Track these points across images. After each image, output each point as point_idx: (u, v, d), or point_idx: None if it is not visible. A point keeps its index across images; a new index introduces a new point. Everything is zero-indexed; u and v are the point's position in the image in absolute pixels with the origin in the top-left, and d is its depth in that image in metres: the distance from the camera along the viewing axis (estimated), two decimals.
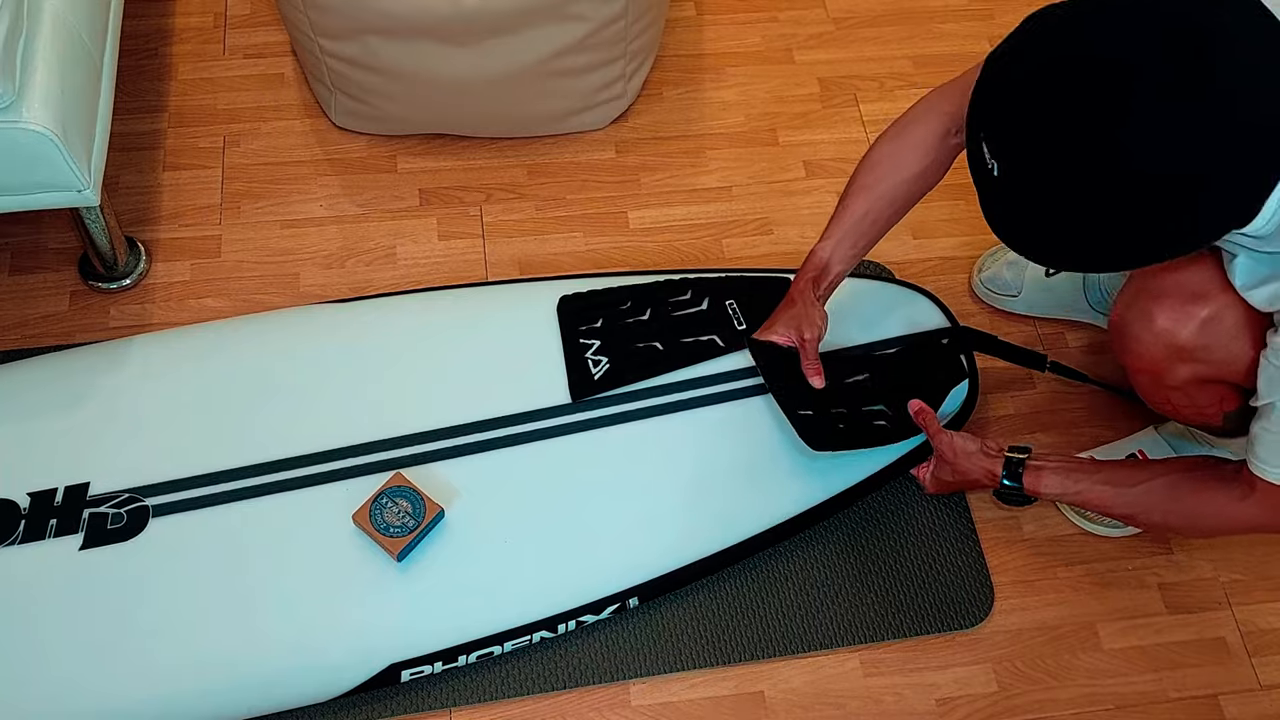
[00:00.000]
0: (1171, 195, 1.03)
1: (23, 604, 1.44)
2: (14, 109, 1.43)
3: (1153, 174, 1.02)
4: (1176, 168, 1.01)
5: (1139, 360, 1.38)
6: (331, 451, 1.56)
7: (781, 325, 1.56)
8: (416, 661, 1.45)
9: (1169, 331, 1.31)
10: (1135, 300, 1.37)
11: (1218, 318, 1.26)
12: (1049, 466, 1.47)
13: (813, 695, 1.53)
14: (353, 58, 1.81)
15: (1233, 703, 1.56)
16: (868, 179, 1.52)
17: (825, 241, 1.54)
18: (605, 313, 1.69)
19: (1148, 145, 1.01)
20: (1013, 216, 1.13)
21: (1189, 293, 1.29)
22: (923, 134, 1.48)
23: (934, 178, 1.51)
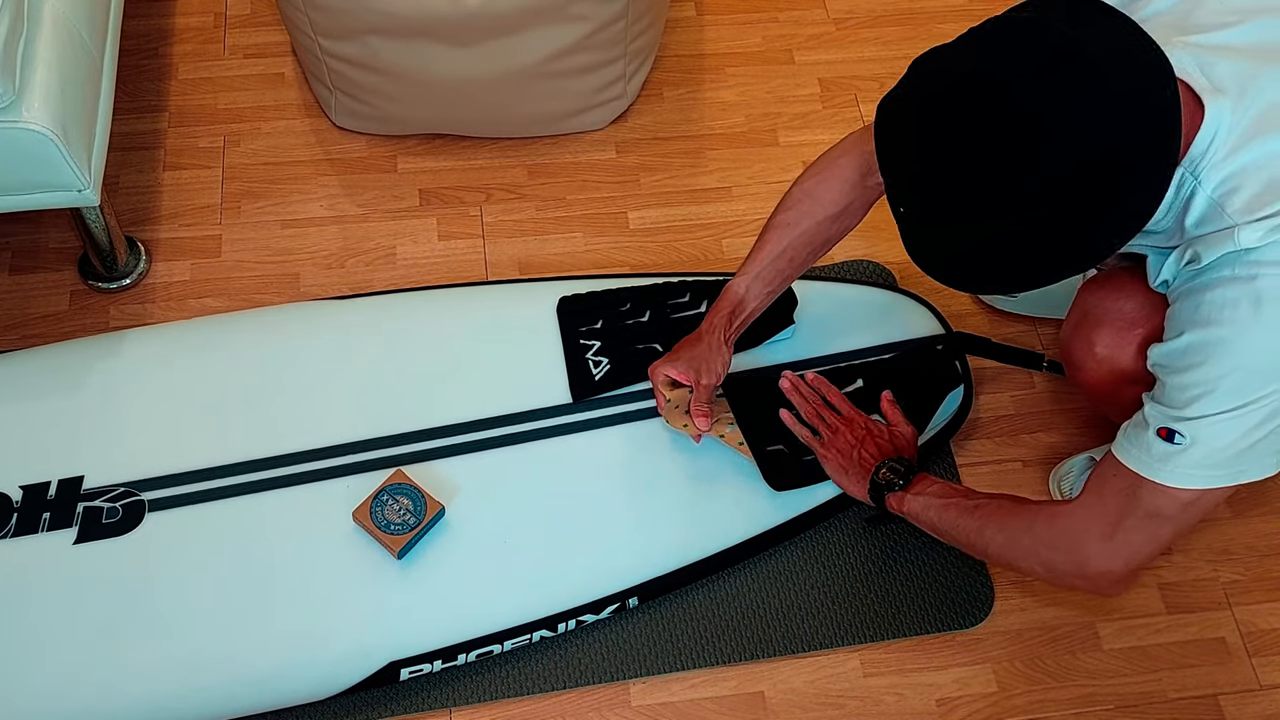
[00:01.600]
0: (1078, 200, 1.03)
1: (15, 598, 1.44)
2: (14, 108, 1.43)
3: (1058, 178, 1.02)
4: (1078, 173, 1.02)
5: (1087, 386, 1.41)
6: (332, 448, 1.56)
7: (683, 364, 1.53)
8: (416, 660, 1.45)
9: (1110, 358, 1.35)
10: (1077, 328, 1.39)
11: (1152, 338, 1.26)
12: (910, 493, 1.47)
13: (813, 695, 1.53)
14: (353, 58, 1.81)
15: (1233, 703, 1.56)
16: (787, 216, 1.51)
17: (741, 278, 1.54)
18: (605, 314, 1.69)
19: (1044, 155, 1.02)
20: (930, 252, 1.14)
21: (1126, 318, 1.32)
22: (842, 174, 1.48)
23: (853, 219, 1.51)
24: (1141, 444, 1.20)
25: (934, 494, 1.45)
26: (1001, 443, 1.73)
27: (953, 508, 1.42)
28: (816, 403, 1.61)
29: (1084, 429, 1.74)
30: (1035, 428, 1.74)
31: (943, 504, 1.43)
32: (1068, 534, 1.29)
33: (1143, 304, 1.31)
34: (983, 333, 1.79)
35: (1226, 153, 1.10)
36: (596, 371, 1.64)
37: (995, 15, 1.09)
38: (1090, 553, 1.27)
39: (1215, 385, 1.12)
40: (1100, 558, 1.26)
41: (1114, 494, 1.24)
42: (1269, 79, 1.10)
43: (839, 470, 1.54)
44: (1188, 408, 1.14)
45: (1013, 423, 1.75)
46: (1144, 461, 1.19)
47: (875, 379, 1.67)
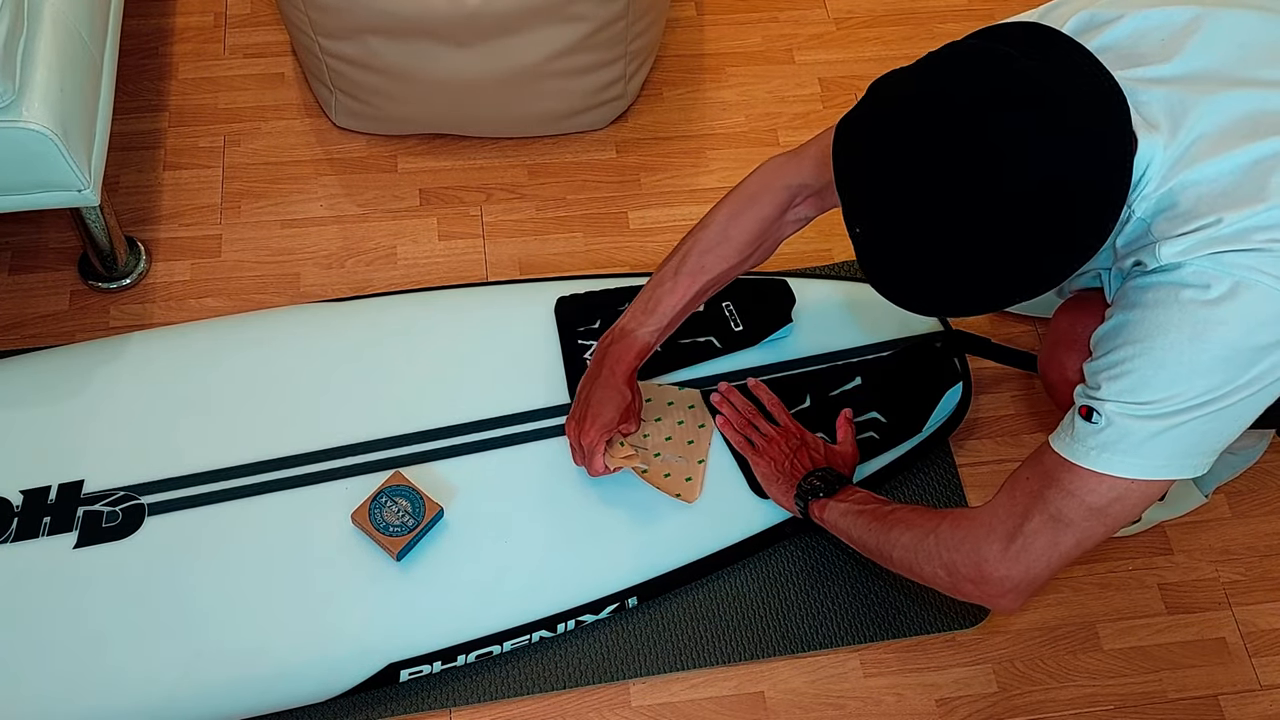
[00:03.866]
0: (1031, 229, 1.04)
1: (16, 603, 1.44)
2: (14, 108, 1.43)
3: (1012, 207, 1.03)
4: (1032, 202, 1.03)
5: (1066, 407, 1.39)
6: (330, 450, 1.56)
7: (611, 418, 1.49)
8: (415, 661, 1.45)
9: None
10: (1052, 352, 1.40)
11: None
12: (833, 499, 1.46)
13: (813, 695, 1.53)
14: (353, 57, 1.81)
15: (1233, 703, 1.56)
16: (701, 261, 1.48)
17: (647, 327, 1.49)
18: (603, 313, 1.69)
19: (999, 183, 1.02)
20: (884, 273, 1.15)
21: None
22: (761, 213, 1.46)
23: (762, 258, 1.51)
24: (1066, 425, 1.19)
25: (854, 501, 1.44)
26: (1002, 443, 1.73)
27: (867, 514, 1.40)
28: (749, 411, 1.62)
29: None
30: (1035, 428, 1.74)
31: (858, 510, 1.42)
32: (972, 534, 1.26)
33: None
34: (983, 333, 1.79)
35: (1158, 184, 1.11)
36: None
37: (954, 41, 1.11)
38: (990, 555, 1.23)
39: (1130, 366, 1.12)
40: (999, 562, 1.23)
41: (1025, 491, 1.22)
42: (1199, 112, 1.11)
43: (766, 476, 1.55)
44: (1103, 386, 1.14)
45: (1013, 423, 1.75)
46: (1065, 442, 1.18)
47: (873, 377, 1.67)
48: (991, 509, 1.25)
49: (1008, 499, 1.24)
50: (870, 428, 1.64)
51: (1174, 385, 1.10)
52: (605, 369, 1.49)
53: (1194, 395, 1.09)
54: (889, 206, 1.09)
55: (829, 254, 1.89)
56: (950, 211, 1.05)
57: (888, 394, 1.66)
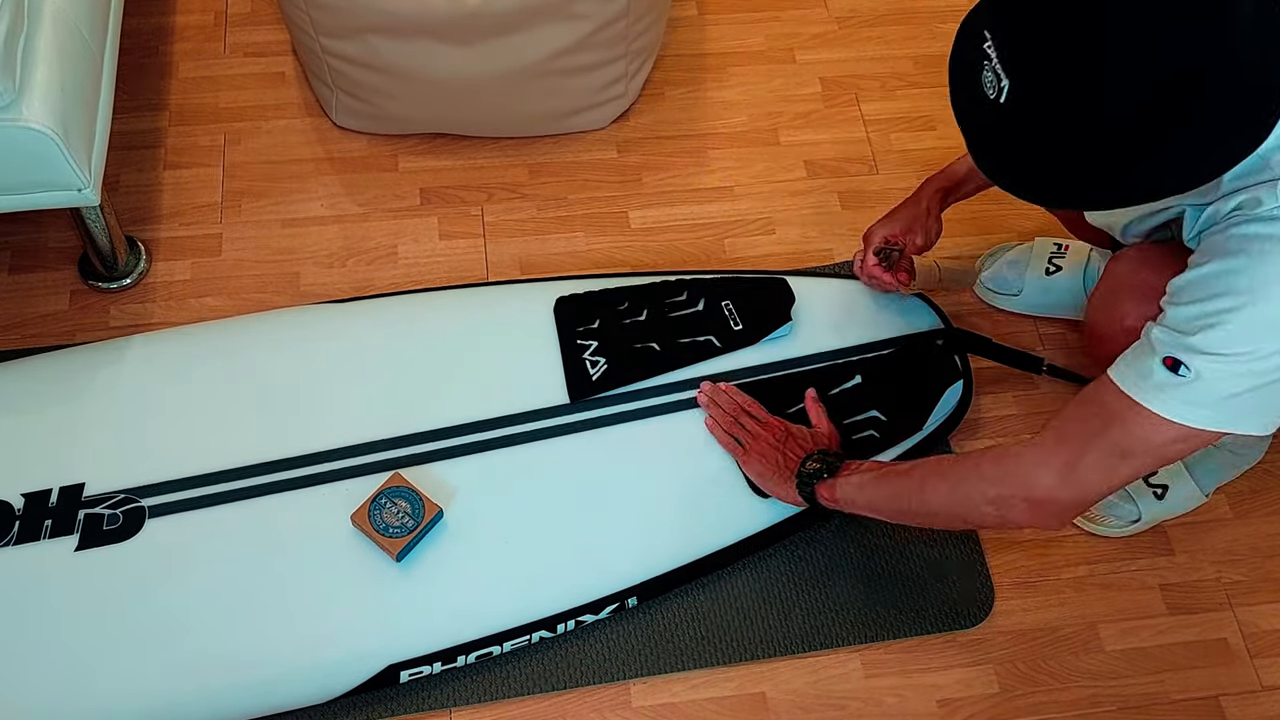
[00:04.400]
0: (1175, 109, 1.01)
1: (17, 605, 1.44)
2: (14, 107, 1.43)
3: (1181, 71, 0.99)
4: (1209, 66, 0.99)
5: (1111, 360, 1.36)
6: (330, 452, 1.56)
7: (901, 223, 1.59)
8: (415, 662, 1.45)
9: (1139, 330, 1.27)
10: (1105, 300, 1.37)
11: None
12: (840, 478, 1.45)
13: (814, 696, 1.53)
14: (354, 56, 1.81)
15: (1234, 704, 1.55)
16: None
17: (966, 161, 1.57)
18: (602, 313, 1.69)
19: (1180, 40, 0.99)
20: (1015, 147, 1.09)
21: (1157, 292, 1.26)
22: None
23: None
24: (1142, 370, 1.16)
25: (864, 472, 1.43)
26: (1002, 443, 1.72)
27: (888, 476, 1.40)
28: (734, 410, 1.61)
29: None
30: (1036, 428, 1.74)
31: (876, 477, 1.41)
32: (1020, 466, 1.26)
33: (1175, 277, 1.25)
34: (984, 332, 1.79)
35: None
36: (594, 371, 1.64)
37: None
38: (1044, 482, 1.24)
39: (1229, 318, 1.09)
40: (1055, 488, 1.23)
41: (1083, 426, 1.21)
42: None
43: (762, 474, 1.54)
44: (1197, 335, 1.11)
45: (1014, 423, 1.74)
46: (1140, 387, 1.16)
47: (874, 375, 1.67)
48: (1042, 443, 1.25)
49: (1059, 433, 1.23)
50: (870, 426, 1.63)
51: (1277, 341, 1.07)
52: (918, 188, 1.60)
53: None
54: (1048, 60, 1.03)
55: (829, 254, 1.89)
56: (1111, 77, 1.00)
57: (888, 392, 1.65)
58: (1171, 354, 1.13)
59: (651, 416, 1.62)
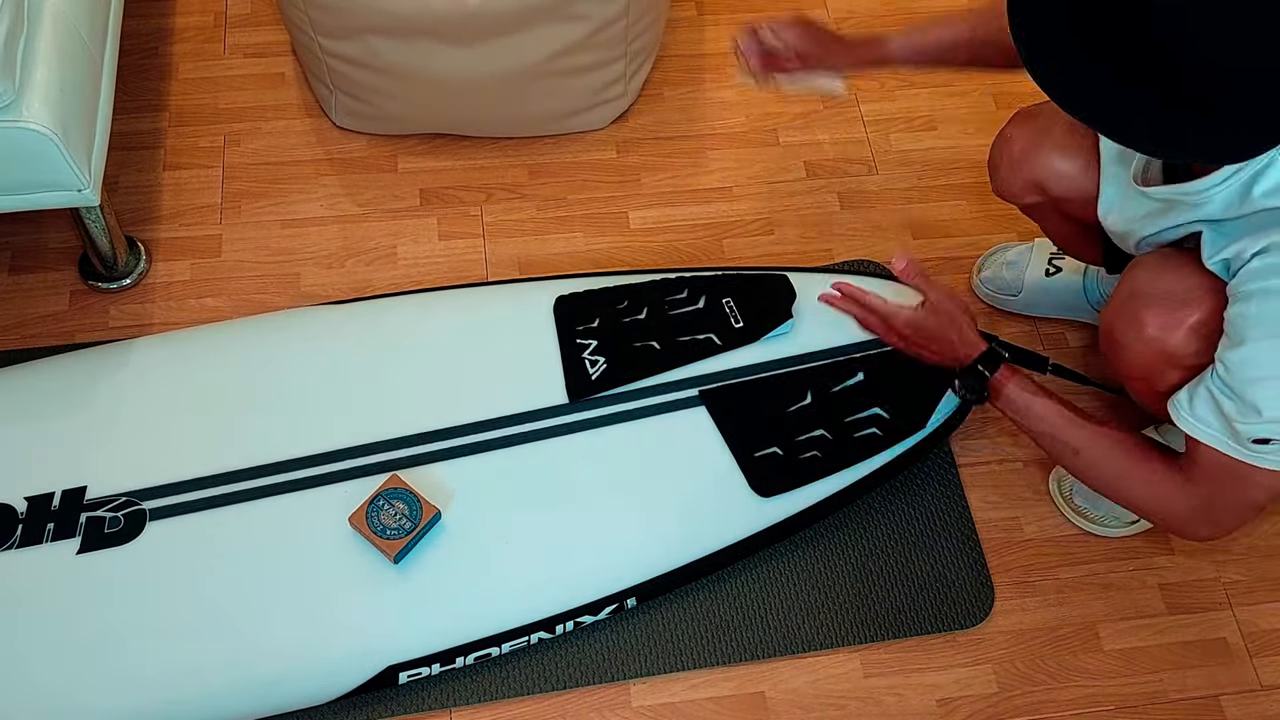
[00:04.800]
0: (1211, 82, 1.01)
1: (20, 608, 1.44)
2: (14, 108, 1.43)
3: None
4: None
5: (1130, 368, 1.37)
6: (328, 454, 1.56)
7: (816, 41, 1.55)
8: (414, 664, 1.45)
9: (1158, 339, 1.31)
10: (1124, 308, 1.36)
11: (1205, 322, 1.26)
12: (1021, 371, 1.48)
13: (813, 696, 1.53)
14: (353, 57, 1.81)
15: (1234, 703, 1.55)
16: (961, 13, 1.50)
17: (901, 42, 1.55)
18: (602, 312, 1.69)
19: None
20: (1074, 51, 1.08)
21: (1177, 299, 1.29)
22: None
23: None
24: (1237, 438, 1.21)
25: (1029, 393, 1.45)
26: (1003, 442, 1.73)
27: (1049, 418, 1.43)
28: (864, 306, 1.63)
29: None
30: None
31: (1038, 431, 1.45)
32: (1178, 516, 1.34)
33: (1196, 285, 1.28)
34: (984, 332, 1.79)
35: None
36: (593, 371, 1.64)
37: None
38: (1185, 518, 1.33)
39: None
40: (1193, 526, 1.34)
41: (1208, 478, 1.27)
42: None
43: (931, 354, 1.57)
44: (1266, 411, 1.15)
45: None
46: (1248, 455, 1.21)
47: (876, 372, 1.66)
48: (1189, 498, 1.30)
49: (1191, 478, 1.29)
50: (873, 424, 1.63)
51: None
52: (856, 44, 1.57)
53: None
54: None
55: (829, 254, 1.89)
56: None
57: (890, 390, 1.65)
58: (1259, 435, 1.18)
59: (650, 416, 1.62)
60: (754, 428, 1.61)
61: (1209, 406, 1.22)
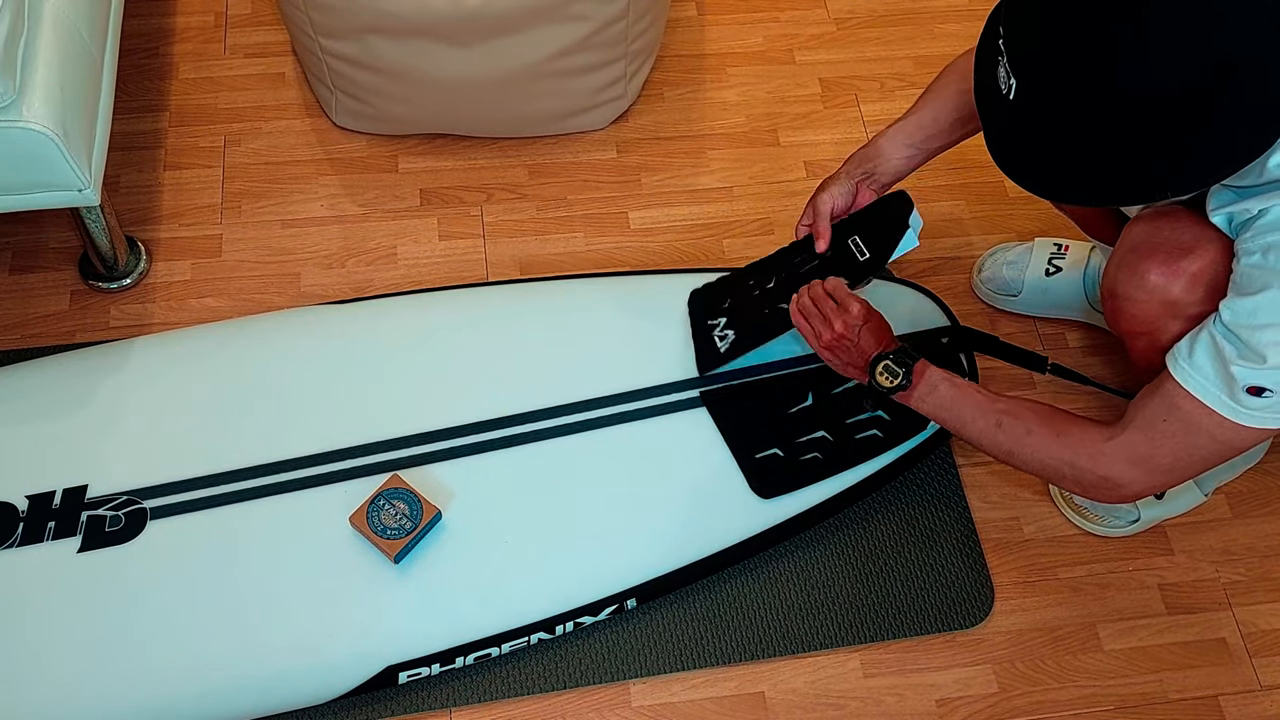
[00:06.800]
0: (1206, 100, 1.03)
1: (21, 606, 1.44)
2: (14, 108, 1.43)
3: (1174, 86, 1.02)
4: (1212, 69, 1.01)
5: (1133, 321, 1.37)
6: (329, 453, 1.56)
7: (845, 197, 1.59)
8: (414, 664, 1.45)
9: (1161, 287, 1.31)
10: (1125, 261, 1.36)
11: (1207, 270, 1.27)
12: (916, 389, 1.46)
13: (813, 696, 1.53)
14: (354, 57, 1.81)
15: (1233, 704, 1.55)
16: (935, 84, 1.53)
17: (885, 131, 1.56)
18: (733, 294, 1.69)
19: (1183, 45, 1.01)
20: (1024, 142, 1.12)
21: (1178, 248, 1.29)
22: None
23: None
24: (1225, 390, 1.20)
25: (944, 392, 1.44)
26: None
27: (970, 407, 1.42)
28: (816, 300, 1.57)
29: None
30: None
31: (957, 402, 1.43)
32: (1112, 472, 1.32)
33: (1198, 234, 1.28)
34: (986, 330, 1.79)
35: None
36: (722, 344, 1.64)
37: None
38: (1128, 479, 1.32)
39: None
40: (1136, 483, 1.32)
41: (1165, 435, 1.27)
42: None
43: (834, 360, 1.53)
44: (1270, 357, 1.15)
45: None
46: (1229, 407, 1.21)
47: None
48: (1128, 445, 1.30)
49: (1144, 438, 1.28)
50: (874, 425, 1.63)
51: None
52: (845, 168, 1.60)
53: None
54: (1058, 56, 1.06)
55: None
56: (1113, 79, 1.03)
57: None
58: (1256, 383, 1.17)
59: (651, 417, 1.62)
60: (755, 429, 1.61)
61: (1208, 353, 1.22)
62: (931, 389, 1.45)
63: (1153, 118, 1.04)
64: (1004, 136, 1.15)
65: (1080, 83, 1.06)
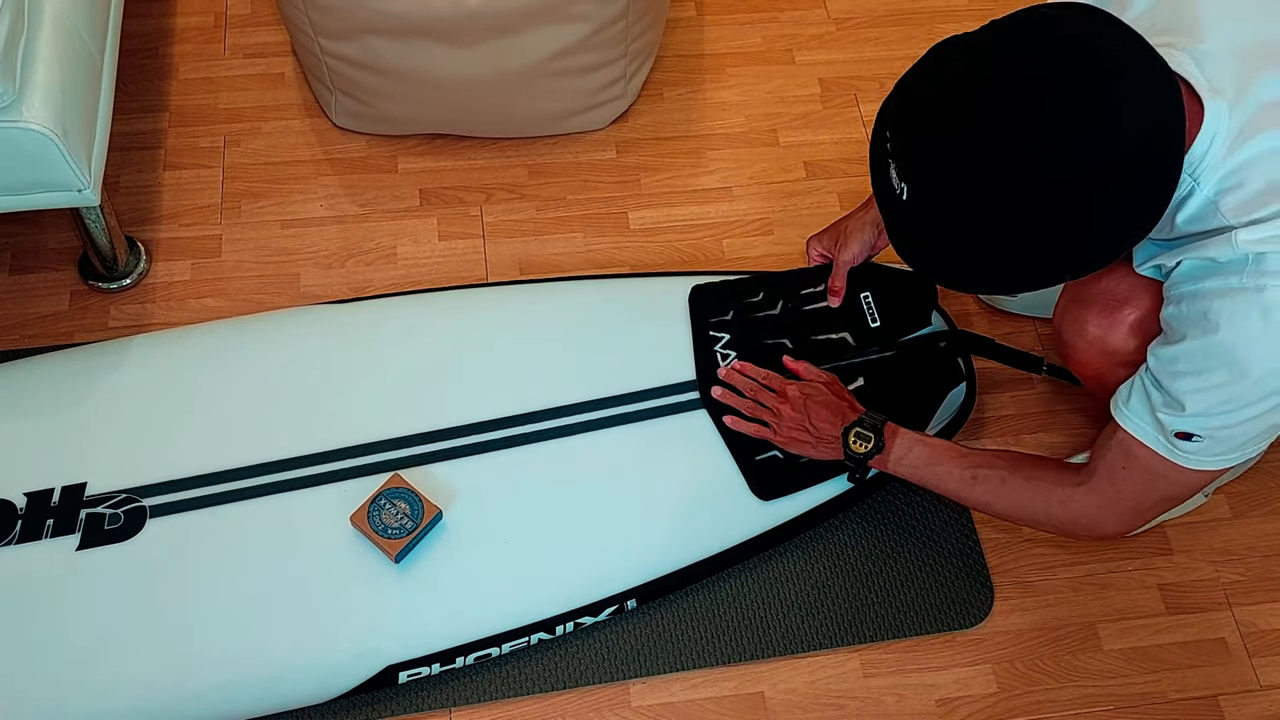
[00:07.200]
0: (1083, 200, 1.05)
1: (19, 604, 1.44)
2: (14, 108, 1.43)
3: (1065, 179, 1.04)
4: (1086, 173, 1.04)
5: (1080, 366, 1.42)
6: (329, 452, 1.56)
7: (827, 237, 1.64)
8: (414, 663, 1.45)
9: (1100, 338, 1.35)
10: (1068, 310, 1.40)
11: (1144, 319, 1.30)
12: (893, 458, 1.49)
13: (813, 696, 1.53)
14: (353, 58, 1.81)
15: (1233, 703, 1.55)
16: None
17: None
18: (736, 305, 1.70)
19: (1059, 151, 1.03)
20: (924, 242, 1.16)
21: (1115, 299, 1.33)
22: None
23: None
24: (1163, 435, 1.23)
25: (917, 451, 1.47)
26: (1002, 443, 1.73)
27: (945, 464, 1.45)
28: (752, 391, 1.61)
29: (1084, 429, 1.74)
30: (1036, 428, 1.74)
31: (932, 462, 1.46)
32: (1085, 516, 1.36)
33: (1133, 285, 1.31)
34: (982, 332, 1.79)
35: (1225, 153, 1.11)
36: (723, 362, 1.65)
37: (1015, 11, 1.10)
38: (1107, 523, 1.36)
39: (1226, 391, 1.15)
40: (1115, 526, 1.37)
41: (1129, 482, 1.30)
42: (1261, 80, 1.11)
43: (804, 451, 1.56)
44: (1200, 414, 1.18)
45: (1013, 423, 1.74)
46: (1171, 452, 1.24)
47: (877, 376, 1.67)
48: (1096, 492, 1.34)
49: (1109, 484, 1.32)
50: None
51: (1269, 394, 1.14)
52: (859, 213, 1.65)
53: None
54: (942, 165, 1.08)
55: None
56: (998, 184, 1.05)
57: (891, 394, 1.65)
58: (1182, 429, 1.20)
59: (652, 418, 1.62)
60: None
61: (1141, 399, 1.25)
62: (907, 450, 1.48)
63: (1041, 212, 1.06)
64: (902, 235, 1.17)
65: (965, 186, 1.08)
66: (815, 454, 1.55)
